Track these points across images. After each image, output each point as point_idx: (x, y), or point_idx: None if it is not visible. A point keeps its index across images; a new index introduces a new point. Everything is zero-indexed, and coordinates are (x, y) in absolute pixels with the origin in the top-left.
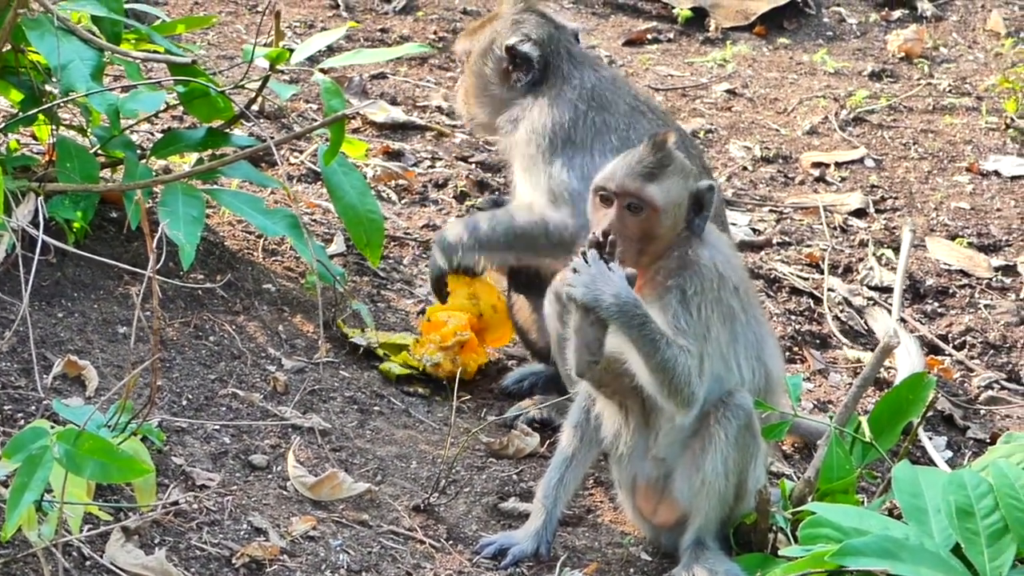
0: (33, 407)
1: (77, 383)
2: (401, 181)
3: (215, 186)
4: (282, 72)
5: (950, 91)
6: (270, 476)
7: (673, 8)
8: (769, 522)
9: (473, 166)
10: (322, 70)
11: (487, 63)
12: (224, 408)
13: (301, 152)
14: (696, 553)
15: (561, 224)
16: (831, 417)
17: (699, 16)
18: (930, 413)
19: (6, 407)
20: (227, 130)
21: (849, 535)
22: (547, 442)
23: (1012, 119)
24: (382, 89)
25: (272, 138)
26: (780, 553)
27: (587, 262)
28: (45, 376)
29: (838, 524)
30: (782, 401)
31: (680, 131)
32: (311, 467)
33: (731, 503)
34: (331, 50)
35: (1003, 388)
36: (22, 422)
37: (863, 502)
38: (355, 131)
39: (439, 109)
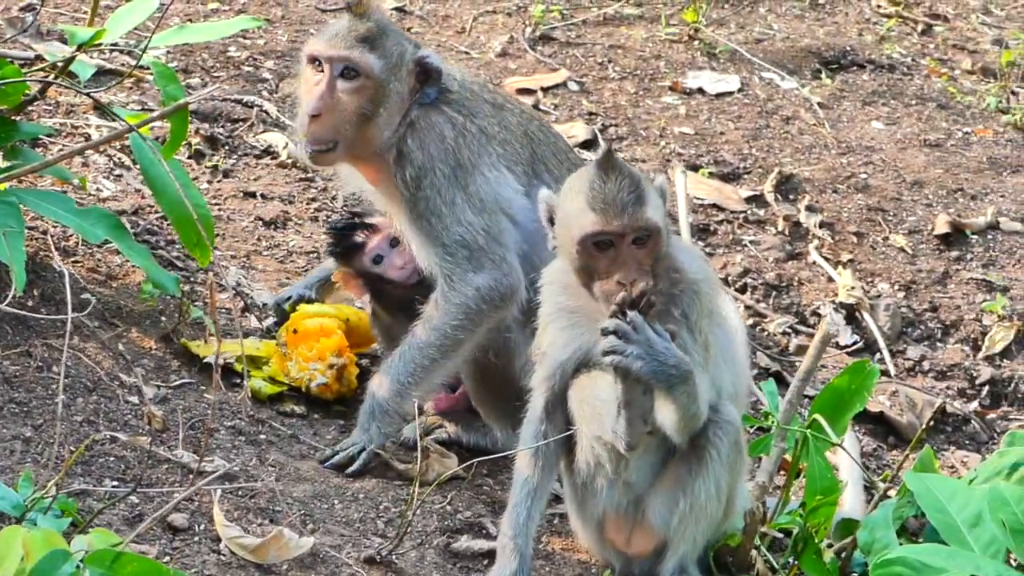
0: None
1: None
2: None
3: (15, 186)
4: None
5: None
6: (196, 538)
7: None
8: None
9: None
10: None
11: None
12: (113, 459)
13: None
14: None
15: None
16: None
17: None
18: (755, 371)
19: None
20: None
21: (923, 573)
22: (467, 465)
23: (697, 29)
24: None
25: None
26: None
27: (629, 325)
28: None
29: (914, 562)
30: (744, 401)
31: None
32: (237, 521)
33: (718, 525)
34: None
35: (799, 333)
36: None
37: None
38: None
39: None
